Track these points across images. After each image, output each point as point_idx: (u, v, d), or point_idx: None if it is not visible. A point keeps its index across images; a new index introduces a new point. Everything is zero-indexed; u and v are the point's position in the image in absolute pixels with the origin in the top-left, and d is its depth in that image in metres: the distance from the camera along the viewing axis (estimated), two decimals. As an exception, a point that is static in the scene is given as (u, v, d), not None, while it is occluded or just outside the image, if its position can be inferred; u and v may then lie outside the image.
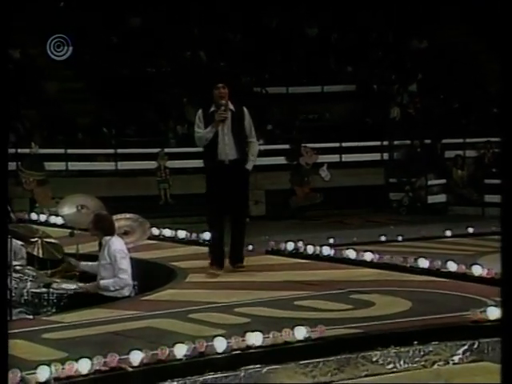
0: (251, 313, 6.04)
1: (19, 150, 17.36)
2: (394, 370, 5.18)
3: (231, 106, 7.82)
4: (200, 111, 7.90)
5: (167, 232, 10.26)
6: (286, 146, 19.09)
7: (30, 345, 5.32)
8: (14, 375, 4.30)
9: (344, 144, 19.09)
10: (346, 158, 19.14)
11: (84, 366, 4.56)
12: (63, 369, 4.50)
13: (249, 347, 5.03)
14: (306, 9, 22.26)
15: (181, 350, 4.84)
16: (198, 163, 17.65)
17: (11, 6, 3.86)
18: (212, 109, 7.79)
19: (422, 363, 5.24)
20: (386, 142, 19.23)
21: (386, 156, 19.28)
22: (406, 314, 5.86)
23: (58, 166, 17.65)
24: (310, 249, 8.71)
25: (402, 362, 5.21)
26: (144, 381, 4.68)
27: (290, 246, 8.91)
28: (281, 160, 18.98)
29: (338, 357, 5.08)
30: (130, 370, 4.65)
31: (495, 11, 3.80)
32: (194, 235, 9.86)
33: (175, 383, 4.70)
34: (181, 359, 4.82)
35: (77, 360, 4.57)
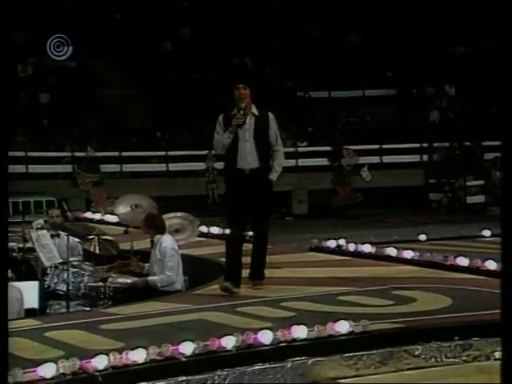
0: (296, 307, 6.02)
1: (76, 154, 17.68)
2: (436, 364, 5.12)
3: (254, 110, 6.70)
4: (221, 115, 6.83)
5: (215, 229, 10.31)
6: (328, 148, 19.10)
7: (87, 335, 5.39)
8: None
9: (384, 146, 19.03)
10: (387, 159, 19.10)
11: (140, 356, 4.61)
12: (121, 358, 4.55)
13: (294, 340, 5.02)
14: (347, 17, 22.19)
15: (230, 342, 4.86)
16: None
17: (11, 7, 3.82)
18: (233, 112, 6.70)
19: (464, 358, 5.16)
20: (425, 144, 19.10)
21: (425, 157, 19.18)
22: (447, 310, 5.78)
23: (113, 167, 17.92)
24: (352, 246, 8.66)
25: (443, 357, 5.14)
26: (196, 370, 4.71)
27: (332, 243, 8.87)
28: (323, 161, 19.04)
29: (381, 350, 5.03)
30: (183, 359, 4.69)
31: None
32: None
33: (225, 373, 4.71)
34: (230, 350, 4.84)
35: (133, 349, 4.61)
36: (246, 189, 6.60)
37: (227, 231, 7.03)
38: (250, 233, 7.12)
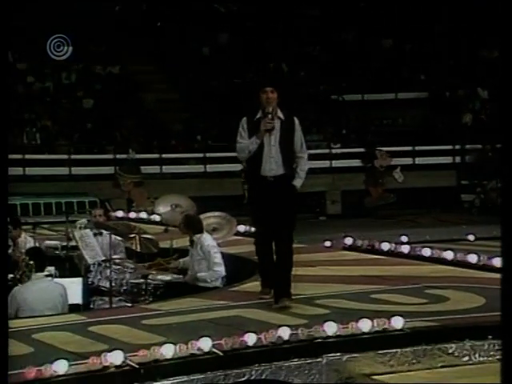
0: (330, 304, 6.00)
1: (117, 156, 17.89)
2: (470, 362, 5.06)
3: (280, 114, 6.17)
4: (244, 119, 6.26)
5: (252, 229, 10.30)
6: (362, 150, 19.04)
7: (130, 330, 5.44)
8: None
9: (417, 148, 18.91)
10: (419, 160, 18.97)
11: (178, 350, 4.63)
12: (161, 351, 4.57)
13: (328, 336, 5.00)
14: (380, 21, 22.07)
15: (268, 338, 4.86)
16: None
17: (11, 7, 3.82)
18: (258, 116, 6.19)
19: (497, 357, 5.08)
20: (458, 146, 18.91)
21: (457, 159, 18.97)
22: (480, 309, 5.70)
23: (153, 169, 18.10)
24: (385, 246, 8.60)
25: (477, 355, 5.07)
26: (232, 365, 4.72)
27: (366, 242, 8.82)
28: (356, 162, 19.00)
29: (415, 348, 4.99)
30: (221, 354, 4.70)
31: None
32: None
33: (262, 368, 4.72)
34: (267, 345, 4.84)
35: (176, 344, 4.64)
36: (269, 197, 6.06)
37: (256, 241, 6.47)
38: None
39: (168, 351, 4.60)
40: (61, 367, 4.35)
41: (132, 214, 12.80)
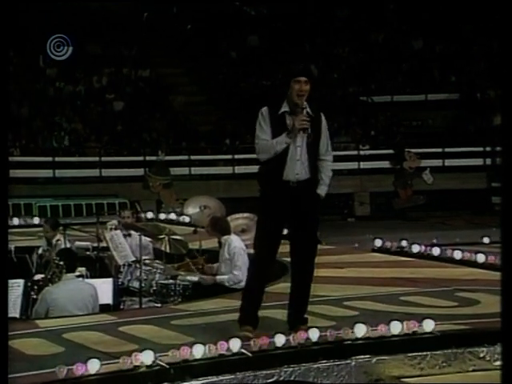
0: (359, 306, 5.97)
1: (147, 158, 18.01)
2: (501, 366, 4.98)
3: (309, 110, 5.13)
4: (265, 109, 5.16)
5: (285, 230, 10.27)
6: (391, 151, 18.93)
7: (159, 330, 5.47)
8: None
9: (447, 149, 18.74)
10: (449, 162, 18.79)
11: (208, 350, 4.64)
12: (191, 351, 4.59)
13: (358, 338, 4.98)
14: (411, 22, 21.93)
15: (295, 339, 4.85)
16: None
17: (12, 8, 3.79)
18: (283, 109, 5.14)
19: (529, 361, 5.00)
20: (488, 148, 18.67)
21: (488, 161, 18.73)
22: (512, 311, 5.61)
23: (182, 170, 18.20)
24: (415, 248, 8.53)
25: (508, 359, 4.99)
26: (262, 365, 4.72)
27: (395, 244, 8.76)
28: (385, 164, 18.89)
29: (446, 351, 4.94)
30: (250, 355, 4.70)
31: None
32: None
33: (291, 369, 4.71)
34: (296, 347, 4.83)
35: (205, 344, 4.65)
36: (290, 205, 5.08)
37: (256, 255, 5.30)
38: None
39: (197, 351, 4.61)
40: (93, 366, 4.38)
41: (161, 216, 12.88)
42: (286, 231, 5.28)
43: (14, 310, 6.81)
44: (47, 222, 8.94)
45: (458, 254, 8.00)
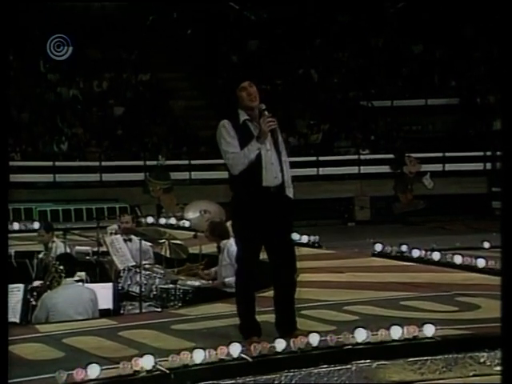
0: (360, 311, 5.97)
1: (147, 162, 18.03)
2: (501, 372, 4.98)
3: (266, 111, 5.06)
4: (225, 122, 5.09)
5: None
6: (391, 156, 18.95)
7: (159, 335, 5.47)
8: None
9: (447, 154, 18.76)
10: (449, 167, 18.81)
11: (208, 355, 4.64)
12: (191, 356, 4.58)
13: (358, 343, 4.98)
14: (410, 26, 21.96)
15: (297, 344, 4.85)
16: (309, 171, 17.88)
17: (12, 9, 3.77)
18: (243, 117, 5.05)
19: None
20: (488, 153, 18.68)
21: (488, 166, 18.74)
22: (512, 316, 5.61)
23: (183, 175, 18.21)
24: (415, 252, 8.52)
25: (509, 364, 4.99)
26: (262, 370, 4.71)
27: (395, 249, 8.76)
28: (385, 169, 18.90)
29: (446, 356, 4.93)
30: (251, 360, 4.70)
31: None
32: (304, 237, 9.86)
33: (291, 374, 4.71)
34: (296, 352, 4.83)
35: (205, 349, 4.64)
36: (269, 212, 4.95)
37: (241, 265, 5.13)
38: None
39: (198, 356, 4.61)
40: (93, 372, 4.38)
41: (162, 220, 12.88)
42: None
43: (14, 315, 6.81)
44: (41, 227, 8.94)
45: (458, 259, 8.00)
